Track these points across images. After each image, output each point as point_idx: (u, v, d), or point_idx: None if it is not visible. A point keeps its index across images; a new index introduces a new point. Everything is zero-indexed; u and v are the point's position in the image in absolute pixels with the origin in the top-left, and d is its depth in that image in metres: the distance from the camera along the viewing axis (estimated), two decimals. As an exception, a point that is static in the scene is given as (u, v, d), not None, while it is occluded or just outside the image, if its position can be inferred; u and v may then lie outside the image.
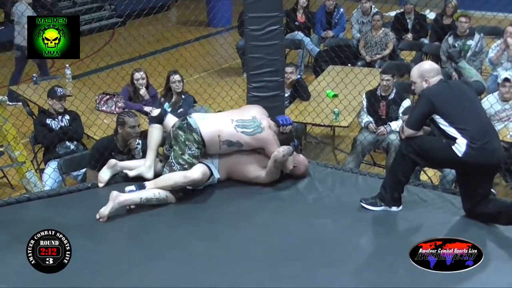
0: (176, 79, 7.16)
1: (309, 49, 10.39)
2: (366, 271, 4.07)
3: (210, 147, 5.03)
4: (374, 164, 7.17)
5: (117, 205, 4.65)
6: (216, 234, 4.53)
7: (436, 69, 4.60)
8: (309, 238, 4.43)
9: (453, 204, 4.84)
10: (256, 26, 5.75)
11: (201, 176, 4.88)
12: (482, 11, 7.45)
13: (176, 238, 4.47)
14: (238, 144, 5.04)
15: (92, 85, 7.02)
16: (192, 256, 4.21)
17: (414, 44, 10.01)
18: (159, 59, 7.54)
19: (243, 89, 6.43)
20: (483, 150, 4.32)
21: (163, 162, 5.12)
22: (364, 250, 4.34)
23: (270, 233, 4.51)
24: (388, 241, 4.41)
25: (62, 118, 6.43)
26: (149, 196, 4.80)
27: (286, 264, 4.09)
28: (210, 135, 4.99)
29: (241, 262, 4.13)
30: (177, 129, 5.03)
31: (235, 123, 5.06)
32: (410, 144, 4.54)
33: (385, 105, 6.86)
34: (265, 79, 5.86)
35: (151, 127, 5.17)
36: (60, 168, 5.90)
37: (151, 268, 4.05)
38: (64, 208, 4.88)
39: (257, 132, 5.06)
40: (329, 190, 5.16)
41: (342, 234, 4.49)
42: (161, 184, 4.86)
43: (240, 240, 4.42)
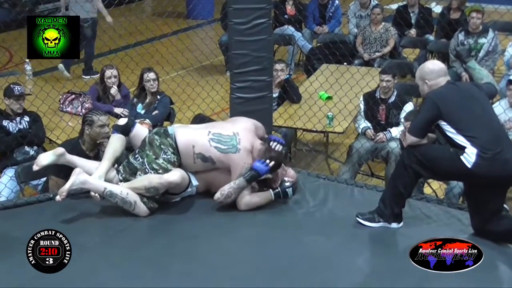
0: (150, 78, 7.15)
1: (300, 46, 10.42)
2: (362, 294, 4.09)
3: (185, 159, 5.05)
4: (372, 175, 7.19)
5: (78, 182, 4.75)
6: (194, 251, 4.53)
7: (438, 70, 4.61)
8: (298, 256, 4.45)
9: (460, 220, 4.87)
10: (241, 19, 5.77)
11: (179, 180, 4.88)
12: (494, 4, 7.50)
13: (148, 255, 4.46)
14: (211, 161, 5.04)
15: (55, 83, 7.03)
16: (167, 276, 4.21)
17: (418, 41, 10.04)
18: (132, 54, 7.54)
19: (226, 90, 6.45)
20: (495, 160, 4.34)
21: (120, 174, 5.11)
22: (359, 271, 4.36)
23: (255, 251, 4.52)
24: (387, 262, 4.43)
25: (21, 119, 6.41)
26: (114, 191, 4.82)
27: (272, 285, 4.11)
28: (185, 143, 5.03)
29: (222, 282, 4.14)
30: (154, 134, 5.10)
31: (211, 136, 5.07)
32: (413, 153, 4.56)
33: (385, 109, 6.89)
34: (250, 79, 5.88)
35: (113, 136, 5.18)
36: (18, 177, 5.87)
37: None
38: (22, 221, 4.87)
39: (230, 152, 5.04)
40: (321, 204, 5.18)
41: (335, 252, 4.51)
42: (135, 184, 4.88)
43: (221, 258, 4.42)
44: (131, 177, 5.03)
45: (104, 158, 5.13)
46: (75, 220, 4.77)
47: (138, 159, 5.05)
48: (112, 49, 8.37)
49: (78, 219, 4.80)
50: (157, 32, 9.18)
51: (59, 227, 4.57)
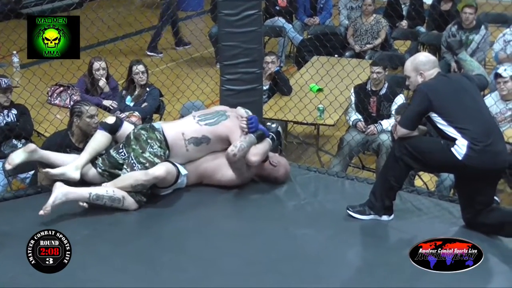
0: (139, 70, 7.14)
1: (290, 37, 10.40)
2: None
3: (176, 150, 5.06)
4: (363, 168, 7.20)
5: (61, 195, 4.64)
6: (184, 245, 4.53)
7: (432, 61, 4.62)
8: (288, 250, 4.44)
9: (451, 213, 4.89)
10: (231, 11, 5.76)
11: (164, 174, 4.87)
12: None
13: (137, 249, 4.45)
14: (205, 139, 5.10)
15: (43, 75, 6.96)
16: (156, 270, 4.20)
17: (409, 33, 10.05)
18: (121, 46, 7.53)
19: (215, 82, 6.44)
20: (486, 152, 4.35)
21: (99, 167, 5.09)
22: (350, 264, 4.37)
23: (245, 244, 4.51)
24: (378, 255, 4.43)
25: (8, 112, 6.38)
26: (100, 193, 4.78)
27: (262, 280, 4.10)
28: (174, 134, 5.07)
29: (211, 276, 4.14)
30: (140, 129, 5.11)
31: (197, 118, 5.20)
32: (403, 146, 4.56)
33: (376, 101, 6.89)
34: (240, 71, 5.88)
35: (99, 132, 5.16)
36: (5, 170, 5.85)
37: (109, 283, 4.03)
38: (9, 215, 4.86)
39: (222, 120, 5.17)
40: (312, 197, 5.18)
41: (326, 246, 4.51)
42: (120, 184, 4.86)
43: (211, 252, 4.41)
44: (111, 170, 5.04)
45: (84, 150, 5.11)
46: (64, 213, 4.73)
47: (123, 153, 5.04)
48: (100, 41, 8.32)
49: (67, 213, 4.76)
50: (146, 24, 9.12)
51: (47, 220, 4.58)
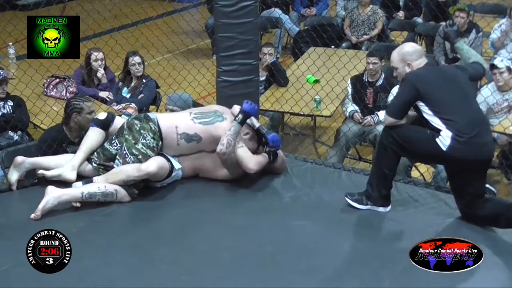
0: (136, 61, 7.15)
1: (287, 28, 10.39)
2: (348, 280, 4.08)
3: (168, 142, 5.05)
4: (360, 159, 7.20)
5: (52, 199, 4.63)
6: (179, 237, 4.52)
7: (419, 51, 4.62)
8: (285, 242, 4.44)
9: (448, 204, 4.88)
10: (227, 2, 5.74)
11: (156, 170, 4.85)
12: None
13: (133, 241, 4.45)
14: (196, 137, 5.08)
15: (39, 67, 6.94)
16: (152, 262, 4.19)
17: (406, 24, 10.06)
18: (117, 37, 7.47)
19: (212, 73, 6.42)
20: (470, 144, 4.34)
21: (94, 162, 5.08)
22: (346, 256, 4.37)
23: (241, 237, 4.51)
24: (374, 246, 4.43)
25: (4, 104, 6.39)
26: (92, 191, 4.77)
27: (259, 272, 4.10)
28: (168, 125, 5.05)
29: (208, 269, 4.13)
30: (134, 119, 5.10)
31: (193, 115, 5.17)
32: (390, 134, 4.57)
33: (372, 92, 6.89)
34: (237, 62, 5.87)
35: (92, 130, 5.14)
36: (1, 162, 5.82)
37: (105, 275, 4.03)
38: (5, 207, 4.87)
39: (217, 121, 5.14)
40: (309, 188, 5.17)
41: (323, 237, 4.51)
42: (112, 179, 4.84)
43: (207, 244, 4.41)
44: (106, 163, 5.03)
45: (79, 150, 5.09)
46: (59, 205, 4.72)
47: (115, 144, 5.03)
48: (96, 33, 8.29)
49: (62, 204, 4.75)
50: (142, 15, 9.09)
51: (43, 214, 4.57)
